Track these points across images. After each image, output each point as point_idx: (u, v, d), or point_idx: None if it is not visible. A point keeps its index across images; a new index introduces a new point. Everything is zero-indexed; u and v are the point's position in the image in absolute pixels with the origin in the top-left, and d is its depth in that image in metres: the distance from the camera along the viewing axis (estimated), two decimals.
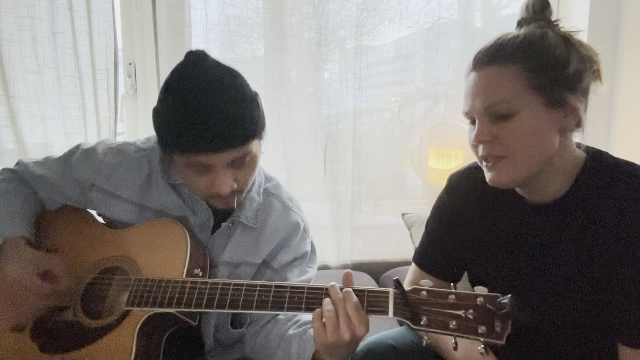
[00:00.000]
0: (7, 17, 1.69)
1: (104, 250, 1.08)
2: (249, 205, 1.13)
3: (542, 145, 0.88)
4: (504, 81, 0.87)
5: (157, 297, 0.94)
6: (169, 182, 1.11)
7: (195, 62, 0.96)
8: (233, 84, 0.96)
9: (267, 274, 1.14)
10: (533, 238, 0.97)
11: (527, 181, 0.92)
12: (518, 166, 0.89)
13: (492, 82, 0.88)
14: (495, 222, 1.02)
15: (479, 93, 0.89)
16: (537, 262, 0.96)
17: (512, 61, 0.87)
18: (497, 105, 0.87)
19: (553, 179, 0.92)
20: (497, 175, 0.91)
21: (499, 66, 0.88)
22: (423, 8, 2.01)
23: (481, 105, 0.88)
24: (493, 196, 1.01)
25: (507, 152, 0.88)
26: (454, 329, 0.75)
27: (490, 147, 0.90)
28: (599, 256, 0.89)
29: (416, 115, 2.10)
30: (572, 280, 0.92)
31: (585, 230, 0.91)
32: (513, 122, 0.86)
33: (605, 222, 0.88)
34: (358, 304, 0.83)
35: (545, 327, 0.97)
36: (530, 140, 0.87)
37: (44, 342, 1.01)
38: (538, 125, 0.87)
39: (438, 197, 1.14)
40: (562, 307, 0.94)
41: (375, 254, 2.16)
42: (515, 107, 0.86)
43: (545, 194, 0.94)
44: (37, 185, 1.16)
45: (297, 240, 1.17)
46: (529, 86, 0.86)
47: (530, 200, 0.97)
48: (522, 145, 0.87)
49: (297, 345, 1.00)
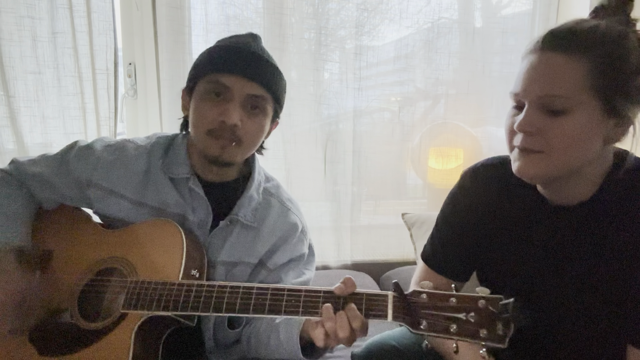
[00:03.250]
0: (7, 17, 1.68)
1: (100, 251, 1.08)
2: (247, 203, 1.13)
3: (583, 151, 0.84)
4: (567, 74, 0.80)
5: (154, 300, 0.94)
6: (170, 177, 1.11)
7: (249, 33, 1.13)
8: (269, 53, 1.12)
9: (261, 273, 1.14)
10: (552, 240, 0.95)
11: (553, 181, 0.89)
12: (552, 165, 0.84)
13: (555, 72, 0.81)
14: (512, 221, 0.99)
15: (537, 79, 0.83)
16: (554, 264, 0.95)
17: (582, 55, 0.80)
18: (554, 99, 0.81)
19: (581, 183, 0.89)
20: (526, 166, 0.86)
21: (568, 56, 0.81)
22: (423, 8, 2.01)
23: (537, 92, 0.82)
24: (511, 194, 0.97)
25: (546, 148, 0.83)
26: (455, 333, 0.74)
27: (530, 139, 0.84)
28: (618, 261, 0.87)
29: (416, 115, 2.10)
30: (587, 285, 0.91)
31: (607, 236, 0.89)
32: (564, 120, 0.81)
33: (627, 232, 0.86)
34: (364, 320, 0.81)
35: (555, 329, 0.96)
36: (574, 143, 0.82)
37: (43, 345, 1.00)
38: (587, 130, 0.82)
39: (451, 193, 1.10)
40: (575, 311, 0.93)
41: (375, 254, 2.16)
42: (571, 104, 0.81)
43: (570, 196, 0.92)
44: (32, 184, 1.14)
45: (295, 241, 1.17)
46: (592, 87, 0.80)
47: (553, 201, 0.94)
48: (564, 146, 0.82)
49: (284, 330, 1.00)
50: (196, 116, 1.07)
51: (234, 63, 1.04)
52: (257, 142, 1.12)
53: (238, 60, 1.05)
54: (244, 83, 1.04)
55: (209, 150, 1.06)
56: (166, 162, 1.12)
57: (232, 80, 1.03)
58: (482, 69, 2.07)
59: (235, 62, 1.04)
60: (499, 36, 2.06)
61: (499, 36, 2.06)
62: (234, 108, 1.03)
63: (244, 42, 1.08)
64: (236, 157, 1.08)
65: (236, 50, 1.06)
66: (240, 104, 1.04)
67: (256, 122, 1.08)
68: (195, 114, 1.07)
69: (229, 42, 1.10)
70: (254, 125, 1.07)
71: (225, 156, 1.06)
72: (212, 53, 1.09)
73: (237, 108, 1.04)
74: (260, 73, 1.06)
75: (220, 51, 1.07)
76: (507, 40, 2.06)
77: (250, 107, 1.06)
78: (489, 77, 2.09)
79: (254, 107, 1.06)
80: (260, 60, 1.07)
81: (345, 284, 0.84)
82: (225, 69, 1.04)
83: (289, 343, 0.98)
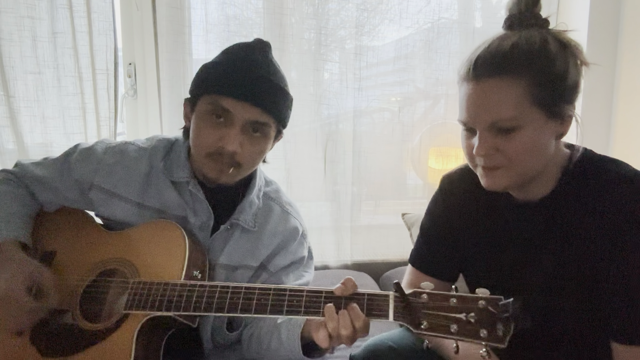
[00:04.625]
0: (7, 17, 1.68)
1: (102, 252, 1.08)
2: (248, 208, 1.13)
3: (541, 156, 0.89)
4: (508, 97, 0.84)
5: (156, 301, 0.94)
6: (171, 180, 1.11)
7: (257, 41, 1.08)
8: (279, 68, 1.07)
9: (262, 276, 1.14)
10: (521, 236, 0.98)
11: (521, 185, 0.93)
12: (515, 175, 0.89)
13: (497, 98, 0.85)
14: (487, 221, 1.03)
15: (481, 108, 0.87)
16: (525, 259, 0.97)
17: (515, 75, 0.84)
18: (501, 122, 0.85)
19: (542, 179, 0.94)
20: (493, 181, 0.91)
21: (502, 80, 0.84)
22: (423, 8, 2.01)
23: (485, 120, 0.87)
24: (484, 196, 1.01)
25: (507, 162, 0.88)
26: (455, 333, 0.74)
27: (490, 158, 0.89)
28: (586, 253, 0.90)
29: (416, 116, 2.10)
30: (560, 278, 0.93)
31: (571, 228, 0.92)
32: (516, 136, 0.85)
33: (591, 220, 0.89)
34: (366, 320, 0.82)
35: (537, 324, 0.97)
36: (530, 152, 0.87)
37: (44, 346, 1.00)
38: (539, 138, 0.87)
39: (432, 198, 1.16)
40: (552, 305, 0.94)
41: (375, 254, 2.17)
42: (518, 122, 0.85)
43: (532, 193, 0.96)
44: (35, 186, 1.15)
45: (295, 245, 1.17)
46: (533, 101, 0.84)
47: (518, 199, 0.98)
48: (523, 157, 0.87)
49: (285, 330, 1.00)
50: (196, 136, 1.05)
51: (237, 86, 0.99)
52: (257, 164, 1.11)
53: (241, 83, 0.99)
54: (247, 108, 1.00)
55: (207, 172, 1.05)
56: (167, 164, 1.12)
57: (234, 105, 0.99)
58: None
59: (238, 85, 0.99)
60: None
61: None
62: (234, 134, 1.00)
63: (251, 60, 1.03)
64: (234, 179, 1.08)
65: (241, 70, 1.01)
66: (241, 128, 1.01)
67: (256, 147, 1.05)
68: (195, 133, 1.05)
69: (234, 56, 1.04)
70: (254, 149, 1.05)
71: (223, 179, 1.05)
72: (215, 70, 1.04)
73: (238, 134, 1.00)
74: (265, 98, 1.01)
75: (224, 70, 1.02)
76: None
77: (251, 131, 1.03)
78: None
79: (256, 131, 1.03)
80: (265, 83, 1.01)
81: (345, 284, 0.84)
82: (227, 92, 0.99)
83: (290, 343, 0.98)
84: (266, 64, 1.04)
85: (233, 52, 1.06)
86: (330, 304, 0.84)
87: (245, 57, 1.03)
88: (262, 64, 1.03)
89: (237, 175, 1.07)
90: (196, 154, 1.07)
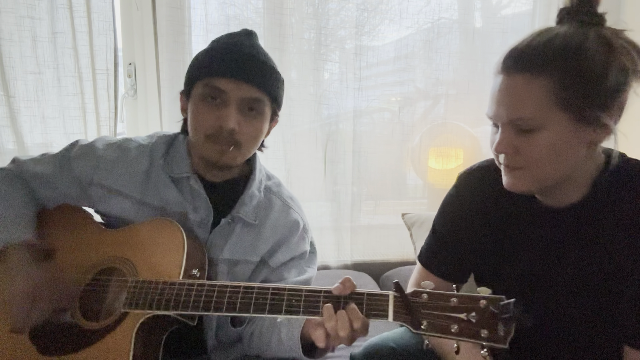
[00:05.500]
0: (7, 17, 1.68)
1: (101, 251, 1.08)
2: (249, 201, 1.13)
3: (563, 162, 0.85)
4: (530, 96, 0.81)
5: (155, 300, 0.94)
6: (171, 176, 1.11)
7: (243, 30, 1.12)
8: (266, 52, 1.11)
9: (263, 272, 1.14)
10: (544, 241, 0.95)
11: (545, 190, 0.91)
12: (535, 178, 0.87)
13: (519, 95, 0.82)
14: (507, 222, 1.00)
15: (504, 103, 0.85)
16: (547, 264, 0.95)
17: (542, 73, 0.80)
18: (521, 121, 0.83)
19: (571, 185, 0.90)
20: (513, 182, 0.89)
21: (528, 76, 0.81)
22: (423, 8, 2.01)
23: (505, 116, 0.84)
24: (505, 197, 0.97)
25: (525, 164, 0.86)
26: (456, 333, 0.74)
27: (509, 157, 0.87)
28: (610, 261, 0.88)
29: (416, 115, 2.10)
30: (580, 285, 0.92)
31: (599, 236, 0.89)
32: (535, 137, 0.83)
33: (620, 230, 0.87)
34: (365, 320, 0.81)
35: (551, 330, 0.97)
36: (550, 157, 0.83)
37: (43, 344, 1.00)
38: (561, 143, 0.83)
39: (447, 196, 1.11)
40: (569, 311, 0.94)
41: (375, 254, 2.16)
42: (539, 123, 0.82)
43: (561, 199, 0.92)
44: (34, 182, 1.15)
45: (296, 239, 1.17)
46: (557, 103, 0.80)
47: (545, 203, 0.95)
48: (542, 161, 0.84)
49: (285, 329, 1.00)
50: (194, 121, 1.07)
51: (228, 66, 1.03)
52: (257, 144, 1.12)
53: (232, 63, 1.04)
54: (239, 86, 1.03)
55: (208, 155, 1.06)
56: (167, 161, 1.13)
57: (227, 84, 1.03)
58: (482, 69, 2.07)
59: (229, 65, 1.04)
60: (499, 36, 2.05)
61: (499, 36, 2.05)
62: (230, 112, 1.03)
63: (238, 43, 1.07)
64: (236, 160, 1.08)
65: (230, 52, 1.05)
66: (237, 107, 1.04)
67: (254, 125, 1.08)
68: (193, 118, 1.07)
69: (223, 43, 1.09)
70: (251, 128, 1.07)
71: (225, 160, 1.06)
72: (206, 56, 1.08)
73: (234, 112, 1.04)
74: (255, 75, 1.05)
75: (214, 54, 1.07)
76: (507, 41, 2.05)
77: (247, 110, 1.06)
78: (489, 77, 2.08)
79: (251, 110, 1.06)
80: (254, 61, 1.06)
81: (343, 284, 0.84)
82: (220, 72, 1.03)
83: (290, 342, 0.98)
84: (254, 47, 1.09)
85: (221, 40, 1.11)
86: (329, 304, 0.83)
87: (233, 41, 1.08)
88: (249, 46, 1.08)
89: (237, 156, 1.08)
90: (196, 138, 1.08)
